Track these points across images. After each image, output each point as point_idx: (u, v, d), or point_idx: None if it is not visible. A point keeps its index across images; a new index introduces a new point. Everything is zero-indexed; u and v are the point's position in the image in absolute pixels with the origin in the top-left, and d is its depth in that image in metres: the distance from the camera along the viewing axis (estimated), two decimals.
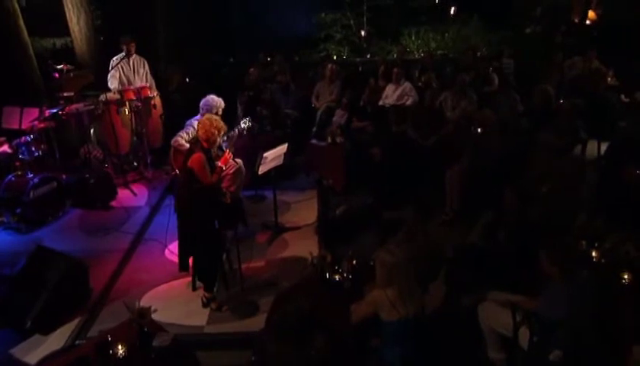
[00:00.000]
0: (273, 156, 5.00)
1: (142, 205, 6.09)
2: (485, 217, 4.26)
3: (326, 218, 5.57)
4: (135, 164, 6.85)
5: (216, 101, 4.90)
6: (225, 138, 4.45)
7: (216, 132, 3.96)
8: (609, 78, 7.51)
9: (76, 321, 4.13)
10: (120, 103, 6.34)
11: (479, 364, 3.55)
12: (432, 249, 3.93)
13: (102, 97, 6.30)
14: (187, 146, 4.72)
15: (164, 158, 6.88)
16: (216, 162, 4.07)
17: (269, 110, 7.12)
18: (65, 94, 6.53)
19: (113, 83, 6.49)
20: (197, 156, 3.91)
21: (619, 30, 9.28)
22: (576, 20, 11.33)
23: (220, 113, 4.87)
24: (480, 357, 3.55)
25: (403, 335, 3.04)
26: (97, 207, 5.93)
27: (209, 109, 4.81)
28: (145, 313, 3.11)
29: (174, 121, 7.17)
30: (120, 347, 2.95)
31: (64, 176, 5.94)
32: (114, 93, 6.37)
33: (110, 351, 2.92)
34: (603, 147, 6.37)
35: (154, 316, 3.25)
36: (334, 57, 10.34)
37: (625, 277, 3.32)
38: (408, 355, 3.07)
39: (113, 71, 6.45)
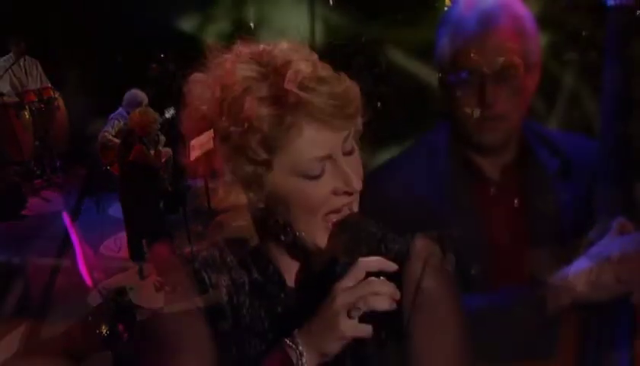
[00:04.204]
0: (202, 142, 5.18)
1: (60, 210, 5.81)
2: None
3: None
4: (38, 171, 6.44)
5: (139, 94, 4.97)
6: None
7: (153, 123, 4.11)
8: None
9: (22, 328, 3.99)
10: (20, 106, 5.94)
11: None
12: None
13: None
14: (116, 140, 4.76)
15: (74, 162, 6.62)
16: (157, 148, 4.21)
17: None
18: None
19: (5, 87, 6.03)
20: (139, 148, 4.04)
21: None
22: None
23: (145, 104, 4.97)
24: None
25: None
26: (6, 217, 5.55)
27: (138, 102, 4.88)
28: (122, 291, 3.23)
29: (79, 122, 6.93)
30: (103, 327, 3.06)
31: None
32: (9, 96, 5.94)
33: (97, 331, 3.02)
34: None
35: None
36: None
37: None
38: None
39: (3, 74, 5.98)
